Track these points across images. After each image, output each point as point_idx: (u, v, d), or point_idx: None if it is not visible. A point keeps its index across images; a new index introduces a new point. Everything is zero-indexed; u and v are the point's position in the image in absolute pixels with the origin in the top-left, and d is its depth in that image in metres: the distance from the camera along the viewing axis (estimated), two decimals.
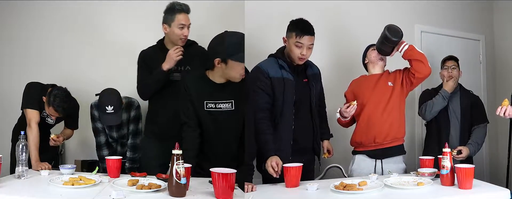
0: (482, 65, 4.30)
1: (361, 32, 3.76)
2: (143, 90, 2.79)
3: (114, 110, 2.72)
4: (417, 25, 4.02)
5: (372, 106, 2.71)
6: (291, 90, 2.55)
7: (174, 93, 2.61)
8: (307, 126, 2.65)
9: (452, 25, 4.10)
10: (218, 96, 2.34)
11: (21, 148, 2.26)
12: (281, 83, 2.53)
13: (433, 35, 4.10)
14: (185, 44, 2.71)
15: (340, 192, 2.03)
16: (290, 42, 2.54)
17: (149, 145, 2.84)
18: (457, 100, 3.12)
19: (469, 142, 3.01)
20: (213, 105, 2.36)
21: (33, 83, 2.82)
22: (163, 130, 2.74)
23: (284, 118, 2.54)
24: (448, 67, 3.11)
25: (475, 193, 2.07)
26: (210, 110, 2.36)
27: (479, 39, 4.30)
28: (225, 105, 2.35)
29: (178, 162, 1.80)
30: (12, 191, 1.97)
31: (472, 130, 3.07)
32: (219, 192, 1.84)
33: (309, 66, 2.71)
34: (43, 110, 2.77)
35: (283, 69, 2.56)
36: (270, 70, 2.54)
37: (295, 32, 2.50)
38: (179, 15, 2.64)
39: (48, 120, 2.87)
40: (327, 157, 2.85)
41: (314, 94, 2.68)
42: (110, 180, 2.16)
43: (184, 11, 2.65)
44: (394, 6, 3.91)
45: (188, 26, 2.68)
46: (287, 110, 2.54)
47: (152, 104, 2.85)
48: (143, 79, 2.76)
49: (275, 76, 2.53)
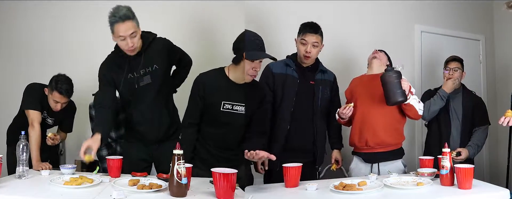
0: (482, 65, 4.31)
1: (361, 32, 3.77)
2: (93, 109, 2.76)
3: None
4: (417, 25, 4.03)
5: (366, 108, 2.64)
6: (292, 87, 2.64)
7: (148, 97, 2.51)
8: (305, 128, 2.67)
9: (452, 25, 4.11)
10: (236, 98, 2.34)
11: (22, 148, 2.25)
12: (283, 78, 2.67)
13: (433, 35, 4.11)
14: (145, 45, 2.48)
15: (339, 192, 2.03)
16: (297, 41, 2.70)
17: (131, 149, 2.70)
18: (459, 101, 3.10)
19: (469, 144, 3.00)
20: (230, 106, 2.35)
21: (34, 84, 2.83)
22: (144, 135, 2.62)
23: (280, 114, 2.64)
24: (450, 69, 3.09)
25: (475, 193, 2.07)
26: (227, 110, 2.35)
27: (479, 39, 4.31)
28: (241, 107, 2.35)
29: (179, 162, 1.80)
30: (13, 191, 1.97)
31: (473, 131, 3.06)
32: (220, 192, 1.84)
33: (321, 71, 2.78)
34: (44, 110, 2.78)
35: (289, 67, 2.69)
36: (275, 67, 2.70)
37: (301, 30, 2.68)
38: (117, 26, 2.31)
39: (48, 121, 2.88)
40: (335, 168, 2.84)
41: (320, 99, 2.72)
42: (111, 180, 2.17)
43: (121, 21, 2.30)
44: (394, 6, 3.92)
45: (131, 35, 2.35)
46: (285, 106, 2.63)
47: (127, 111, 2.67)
48: (101, 96, 2.52)
49: (279, 72, 2.69)
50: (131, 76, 2.49)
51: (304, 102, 2.69)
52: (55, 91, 2.69)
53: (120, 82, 2.50)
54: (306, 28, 2.67)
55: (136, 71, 2.49)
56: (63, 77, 2.74)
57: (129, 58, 2.49)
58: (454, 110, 3.09)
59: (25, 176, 2.24)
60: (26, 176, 2.24)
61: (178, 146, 1.82)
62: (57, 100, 2.73)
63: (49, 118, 2.87)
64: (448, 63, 3.14)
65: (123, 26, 2.32)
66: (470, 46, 4.23)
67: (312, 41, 2.65)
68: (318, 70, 2.77)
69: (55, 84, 2.68)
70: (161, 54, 2.54)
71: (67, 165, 2.38)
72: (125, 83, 2.49)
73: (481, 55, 4.29)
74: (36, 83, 2.83)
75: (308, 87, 2.71)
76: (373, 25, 3.84)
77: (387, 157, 2.66)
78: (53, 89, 2.69)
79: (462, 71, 3.11)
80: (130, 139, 2.73)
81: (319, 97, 2.73)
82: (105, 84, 2.52)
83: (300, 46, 2.68)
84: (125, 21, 2.31)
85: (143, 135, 2.62)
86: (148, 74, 2.49)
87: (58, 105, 2.75)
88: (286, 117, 2.67)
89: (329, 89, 2.80)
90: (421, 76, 4.04)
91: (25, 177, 2.24)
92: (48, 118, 2.86)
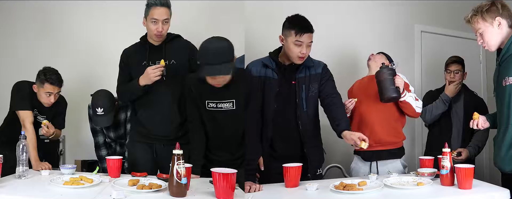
0: (482, 65, 4.30)
1: (361, 32, 3.77)
2: (120, 97, 2.75)
3: (104, 112, 2.71)
4: (417, 25, 4.03)
5: (363, 107, 2.68)
6: (272, 90, 2.42)
7: (159, 90, 2.58)
8: (289, 135, 2.47)
9: (452, 25, 4.10)
10: (219, 96, 2.33)
11: (21, 148, 2.25)
12: (261, 81, 2.43)
13: (433, 35, 4.11)
14: (168, 38, 2.64)
15: (340, 192, 2.03)
16: (288, 41, 2.38)
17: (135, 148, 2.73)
18: (461, 101, 3.09)
19: (469, 145, 3.00)
20: (214, 105, 2.36)
21: (21, 82, 2.78)
22: (150, 131, 2.66)
23: (264, 120, 2.43)
24: (451, 72, 3.08)
25: (475, 193, 2.07)
26: (211, 109, 2.36)
27: None
28: (226, 104, 2.35)
29: (179, 162, 1.80)
30: (13, 191, 1.97)
31: (474, 132, 3.02)
32: (219, 192, 1.84)
33: (305, 67, 2.48)
34: (35, 108, 2.74)
35: (267, 68, 2.45)
36: (254, 69, 2.45)
37: (294, 30, 2.35)
38: (153, 9, 2.52)
39: (39, 119, 2.80)
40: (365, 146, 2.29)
41: (305, 99, 2.46)
42: (110, 180, 2.17)
43: (159, 5, 2.52)
44: (394, 6, 3.92)
45: (164, 21, 2.54)
46: (266, 111, 2.43)
47: (136, 103, 2.74)
48: (121, 84, 2.67)
49: (256, 75, 2.44)
50: (146, 63, 2.57)
51: (286, 105, 2.45)
52: (46, 83, 2.65)
53: (135, 69, 2.60)
54: (302, 28, 2.35)
55: (152, 60, 2.56)
56: (50, 68, 2.71)
57: (149, 49, 2.61)
58: (455, 110, 3.08)
59: (25, 176, 2.24)
60: (26, 176, 2.24)
61: (178, 146, 1.82)
62: (49, 91, 2.68)
63: (39, 116, 2.81)
64: (448, 66, 3.12)
65: (160, 10, 2.52)
66: (470, 46, 4.21)
67: (308, 41, 2.37)
68: (300, 68, 2.47)
69: (44, 76, 2.65)
70: (181, 52, 2.64)
71: (67, 165, 2.38)
72: (140, 70, 2.54)
73: (481, 55, 4.29)
74: (23, 82, 2.78)
75: (289, 88, 2.45)
76: (373, 25, 3.83)
77: (385, 155, 2.67)
78: (43, 82, 2.65)
79: (463, 73, 3.10)
80: (135, 137, 2.73)
81: (303, 97, 2.46)
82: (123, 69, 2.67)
83: (293, 47, 2.36)
84: (163, 6, 2.52)
85: (150, 130, 2.64)
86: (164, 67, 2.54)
87: (51, 96, 2.70)
88: (268, 124, 2.44)
89: (317, 85, 2.50)
90: (421, 76, 4.04)
91: (25, 177, 2.24)
92: (39, 115, 2.80)
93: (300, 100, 2.45)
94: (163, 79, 2.51)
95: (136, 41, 2.72)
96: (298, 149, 2.47)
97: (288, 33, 2.38)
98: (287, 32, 2.40)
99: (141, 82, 2.51)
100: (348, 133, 2.33)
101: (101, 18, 3.58)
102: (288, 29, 2.39)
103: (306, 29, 2.36)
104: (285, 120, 2.46)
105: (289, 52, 2.41)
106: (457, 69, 3.07)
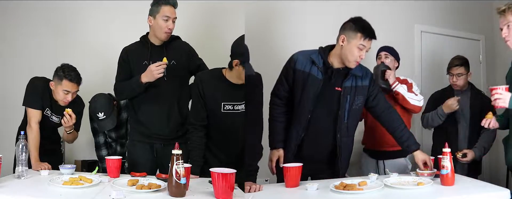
0: (482, 65, 4.30)
1: None
2: (118, 95, 2.73)
3: (106, 115, 2.72)
4: (417, 25, 4.03)
5: None
6: (314, 89, 2.33)
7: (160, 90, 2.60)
8: (324, 141, 2.40)
9: (452, 25, 4.11)
10: (236, 98, 2.33)
11: (21, 148, 2.24)
12: (304, 76, 2.34)
13: (433, 35, 4.11)
14: (168, 39, 2.64)
15: (340, 192, 2.03)
16: (352, 43, 2.29)
17: (136, 148, 2.73)
18: (467, 101, 3.02)
19: (475, 146, 2.94)
20: (231, 107, 2.35)
21: (37, 79, 2.68)
22: (151, 131, 2.66)
23: (297, 115, 2.36)
24: (453, 75, 3.02)
25: (475, 193, 2.07)
26: (228, 111, 2.35)
27: (479, 39, 4.31)
28: (241, 106, 2.35)
29: (178, 162, 1.80)
30: (12, 191, 1.97)
31: (481, 133, 2.96)
32: (218, 192, 1.83)
33: (354, 76, 2.37)
34: (47, 108, 2.65)
35: (314, 65, 2.35)
36: (299, 62, 2.36)
37: (361, 34, 2.27)
38: (164, 7, 2.57)
39: (53, 119, 2.70)
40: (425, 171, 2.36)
41: (348, 111, 2.36)
42: (110, 180, 2.16)
43: (170, 4, 2.59)
44: (394, 6, 3.92)
45: (173, 19, 2.60)
46: (302, 109, 2.34)
47: (133, 102, 2.72)
48: (120, 81, 2.66)
49: (300, 69, 2.35)
50: (146, 63, 2.58)
51: (325, 111, 2.35)
52: (64, 80, 2.56)
53: (135, 68, 2.61)
54: (370, 34, 2.29)
55: (153, 60, 2.56)
56: (68, 65, 2.62)
57: (151, 49, 2.63)
58: (461, 110, 2.99)
59: (24, 176, 2.23)
60: (25, 176, 2.24)
61: (177, 146, 1.82)
62: (67, 90, 2.57)
63: (54, 116, 2.69)
64: (451, 69, 3.04)
65: (171, 9, 2.59)
66: (470, 46, 4.23)
67: (369, 47, 2.32)
68: (349, 75, 2.35)
69: (62, 73, 2.56)
70: (181, 53, 2.67)
71: (67, 165, 2.38)
72: (140, 69, 2.56)
73: (481, 55, 4.29)
74: (38, 78, 2.68)
75: (333, 94, 2.34)
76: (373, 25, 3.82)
77: (392, 155, 2.84)
78: (61, 79, 2.56)
79: (467, 74, 3.03)
80: (136, 137, 2.73)
81: (346, 108, 2.35)
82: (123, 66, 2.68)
83: (355, 51, 2.27)
84: (173, 6, 2.60)
85: (150, 130, 2.64)
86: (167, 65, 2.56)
87: (69, 95, 2.59)
88: (302, 122, 2.36)
89: (362, 98, 2.40)
90: (421, 76, 4.04)
91: (24, 177, 2.23)
92: (53, 115, 2.69)
93: (343, 111, 2.36)
94: (164, 78, 2.53)
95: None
96: (326, 157, 2.43)
97: (354, 35, 2.30)
98: (352, 34, 2.30)
99: (143, 79, 2.52)
100: (421, 154, 2.42)
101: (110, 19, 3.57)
102: (354, 32, 2.30)
103: (373, 35, 2.31)
104: (321, 126, 2.39)
105: (348, 54, 2.31)
106: (459, 73, 3.00)
